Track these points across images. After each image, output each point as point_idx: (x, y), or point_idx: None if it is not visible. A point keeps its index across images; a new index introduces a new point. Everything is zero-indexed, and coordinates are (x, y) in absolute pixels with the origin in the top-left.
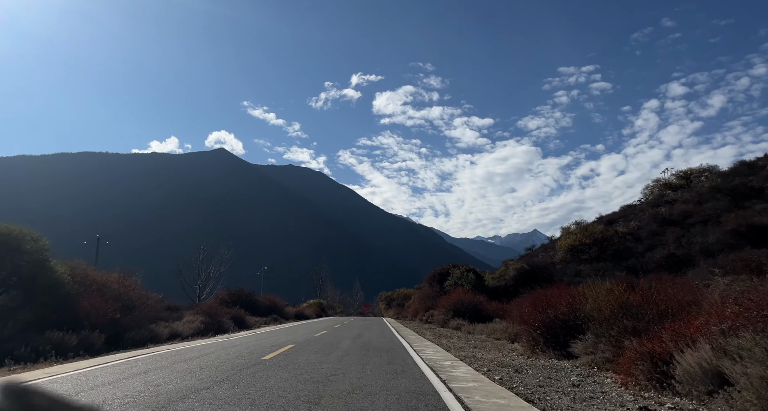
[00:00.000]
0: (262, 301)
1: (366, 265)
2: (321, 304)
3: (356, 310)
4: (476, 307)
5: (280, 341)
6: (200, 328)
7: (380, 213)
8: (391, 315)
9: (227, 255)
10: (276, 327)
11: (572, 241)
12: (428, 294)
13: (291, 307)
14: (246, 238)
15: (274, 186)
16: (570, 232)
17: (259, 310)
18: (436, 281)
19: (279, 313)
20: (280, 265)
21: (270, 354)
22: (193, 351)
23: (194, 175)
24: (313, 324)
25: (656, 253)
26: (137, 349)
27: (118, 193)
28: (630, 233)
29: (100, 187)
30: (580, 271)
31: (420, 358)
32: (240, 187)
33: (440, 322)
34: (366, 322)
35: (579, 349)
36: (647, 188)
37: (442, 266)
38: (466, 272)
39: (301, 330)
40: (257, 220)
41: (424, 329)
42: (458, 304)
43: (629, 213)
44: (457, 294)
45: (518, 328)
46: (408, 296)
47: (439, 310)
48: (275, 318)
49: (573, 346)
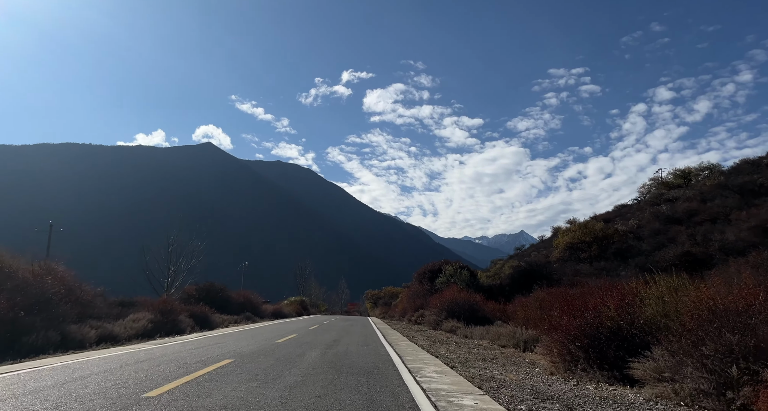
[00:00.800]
0: (236, 298)
1: (353, 263)
2: (303, 301)
3: (341, 308)
4: (472, 307)
5: (216, 353)
6: (147, 328)
7: (368, 211)
8: (377, 314)
9: (200, 247)
10: (243, 327)
11: (571, 238)
12: (418, 292)
13: (269, 305)
14: (231, 233)
15: (261, 182)
16: (568, 230)
17: (231, 308)
18: (426, 279)
19: (253, 311)
20: (265, 262)
21: (172, 383)
22: (64, 371)
23: (179, 168)
24: (287, 324)
25: (668, 251)
26: (21, 361)
27: (99, 185)
28: (631, 231)
29: (81, 178)
30: (579, 270)
31: (420, 388)
32: (226, 182)
33: (432, 323)
34: (348, 322)
35: (644, 372)
36: (644, 187)
37: (433, 262)
38: (460, 269)
39: (266, 333)
40: (243, 215)
41: (415, 332)
42: (452, 304)
43: (624, 212)
44: (450, 293)
45: (531, 333)
46: (395, 295)
47: (430, 310)
48: (248, 316)
49: (633, 366)
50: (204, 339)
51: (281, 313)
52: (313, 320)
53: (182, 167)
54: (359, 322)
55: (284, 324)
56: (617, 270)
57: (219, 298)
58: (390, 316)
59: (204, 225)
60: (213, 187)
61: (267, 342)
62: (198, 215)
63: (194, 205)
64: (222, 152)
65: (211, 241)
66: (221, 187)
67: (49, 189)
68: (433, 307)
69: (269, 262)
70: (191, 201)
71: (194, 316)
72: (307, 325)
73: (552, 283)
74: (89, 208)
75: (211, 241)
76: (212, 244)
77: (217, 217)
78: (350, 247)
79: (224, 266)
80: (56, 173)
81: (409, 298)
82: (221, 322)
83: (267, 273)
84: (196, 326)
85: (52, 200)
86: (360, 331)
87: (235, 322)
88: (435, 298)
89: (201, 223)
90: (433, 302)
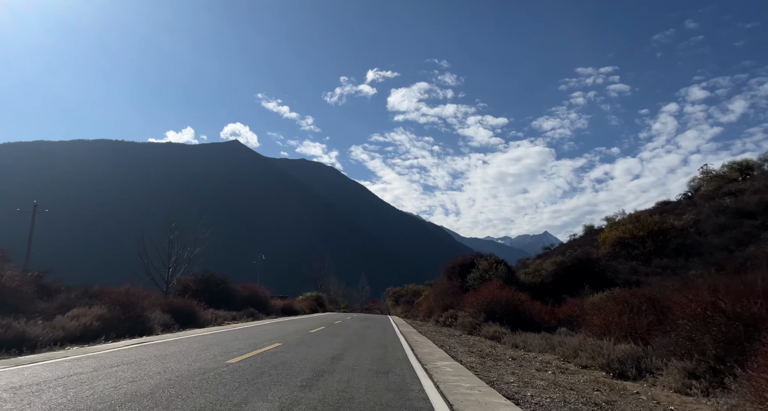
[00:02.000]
0: (240, 291)
1: (374, 261)
2: (319, 297)
3: (362, 305)
4: (516, 308)
5: None
6: (92, 327)
7: (390, 210)
8: (399, 313)
9: (204, 234)
10: (234, 327)
11: (621, 233)
12: (446, 289)
13: (279, 300)
14: (256, 230)
15: (285, 179)
16: (618, 224)
17: (234, 302)
18: (456, 274)
19: (259, 307)
20: (288, 258)
21: None
22: None
23: (207, 166)
24: (288, 324)
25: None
26: None
27: (129, 180)
28: (689, 227)
29: (113, 173)
30: (635, 268)
31: None
32: (252, 180)
33: (467, 326)
34: (365, 322)
35: None
36: (694, 181)
37: (463, 256)
38: (495, 264)
39: (251, 336)
40: (267, 211)
41: (447, 337)
42: (493, 304)
43: (670, 208)
44: (489, 289)
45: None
46: (417, 293)
47: (465, 311)
48: (251, 313)
49: None
50: (135, 349)
51: (291, 310)
52: (324, 319)
53: (210, 164)
54: (378, 323)
55: (285, 323)
56: (683, 269)
57: (219, 291)
58: (413, 316)
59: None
60: (239, 185)
61: (211, 362)
62: (224, 212)
63: (220, 203)
64: (248, 150)
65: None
66: (247, 185)
67: (82, 183)
68: (467, 307)
69: (292, 259)
70: (218, 198)
71: (175, 311)
72: (311, 326)
73: (605, 283)
74: (119, 204)
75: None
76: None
77: (243, 215)
78: (372, 245)
79: (247, 262)
80: (89, 168)
81: (437, 296)
82: (213, 320)
83: (290, 269)
84: (175, 324)
85: (85, 195)
86: (377, 338)
87: (233, 319)
88: (470, 296)
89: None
90: (467, 301)
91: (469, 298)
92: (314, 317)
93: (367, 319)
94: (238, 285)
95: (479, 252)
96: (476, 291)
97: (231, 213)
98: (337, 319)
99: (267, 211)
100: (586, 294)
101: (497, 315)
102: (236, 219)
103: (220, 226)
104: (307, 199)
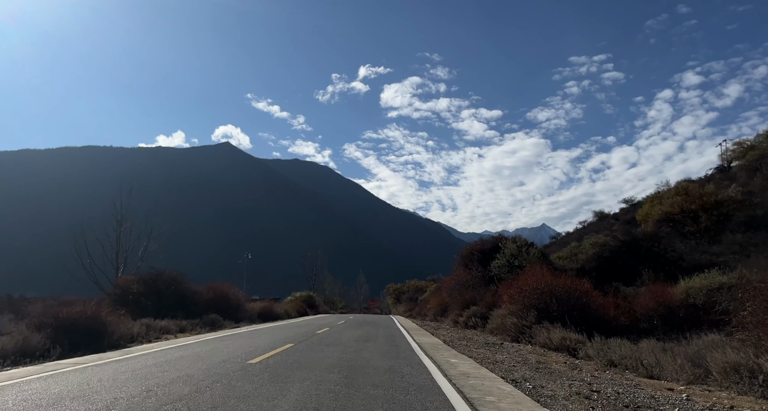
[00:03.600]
0: (204, 294)
1: (372, 260)
2: (310, 297)
3: (360, 305)
4: (580, 303)
5: None
6: None
7: (386, 207)
8: (402, 312)
9: (161, 228)
10: (169, 345)
11: (669, 207)
12: (465, 282)
13: (258, 302)
14: (250, 232)
15: (278, 180)
16: (662, 197)
17: (194, 308)
18: (476, 262)
19: (226, 312)
20: (285, 261)
21: None
22: None
23: (198, 169)
24: (247, 338)
25: None
26: None
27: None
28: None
29: (101, 180)
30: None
31: None
32: (245, 182)
33: (510, 330)
34: (363, 331)
35: None
36: (724, 154)
37: (482, 240)
38: (525, 247)
39: (126, 383)
40: (262, 214)
41: (490, 349)
42: (545, 297)
43: (700, 185)
44: (535, 277)
45: None
46: (420, 289)
47: (503, 308)
48: (212, 321)
49: None
50: None
51: (271, 314)
52: (301, 330)
53: (201, 167)
54: (381, 329)
55: (238, 337)
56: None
57: (171, 294)
58: (421, 315)
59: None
60: (232, 187)
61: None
62: (219, 216)
63: (214, 206)
64: (240, 151)
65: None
66: (240, 187)
67: (70, 191)
68: (506, 303)
69: (289, 261)
70: (212, 202)
71: (69, 325)
72: (277, 340)
73: (667, 266)
74: (108, 210)
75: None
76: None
77: (237, 218)
78: (369, 244)
79: (243, 266)
80: (78, 176)
81: (452, 291)
82: (142, 335)
83: (287, 271)
84: (57, 347)
85: (73, 202)
86: (384, 373)
87: (180, 330)
88: (507, 287)
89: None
90: (505, 294)
91: (506, 289)
92: (293, 324)
93: (366, 322)
94: (201, 286)
95: (501, 233)
96: (514, 281)
97: (225, 216)
98: (325, 324)
99: (262, 213)
100: (645, 280)
101: (554, 312)
102: (231, 222)
103: (214, 230)
104: (302, 200)
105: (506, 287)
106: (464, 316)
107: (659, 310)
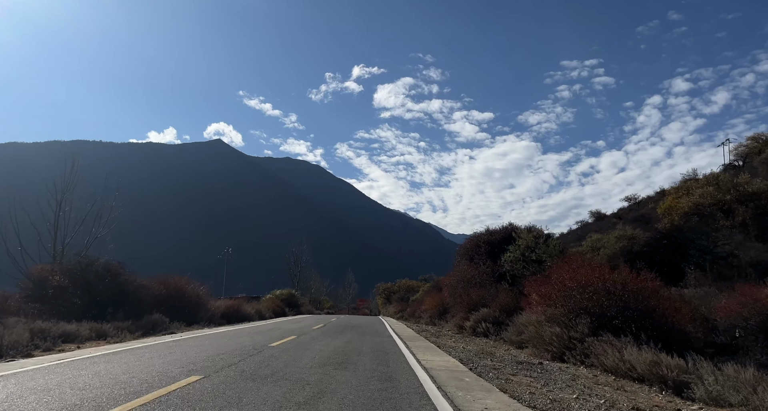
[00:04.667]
0: (154, 289)
1: (362, 260)
2: (291, 296)
3: (349, 305)
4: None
5: None
6: None
7: (378, 207)
8: (393, 313)
9: (116, 210)
10: (35, 365)
11: (698, 199)
12: (470, 279)
13: (225, 300)
14: (240, 230)
15: (270, 178)
16: (688, 188)
17: (139, 306)
18: (483, 255)
19: (180, 312)
20: (275, 259)
21: None
22: None
23: (189, 165)
24: (159, 355)
25: None
26: None
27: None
28: None
29: (90, 175)
30: (745, 243)
31: None
32: (236, 179)
33: (550, 344)
34: (345, 339)
35: None
36: (737, 149)
37: (489, 231)
38: (543, 238)
39: None
40: (252, 212)
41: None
42: (600, 298)
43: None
44: (584, 271)
45: None
46: (412, 288)
47: (533, 312)
48: (156, 323)
49: None
50: None
51: (239, 315)
52: (266, 334)
53: (192, 164)
54: (368, 333)
55: (112, 362)
56: None
57: (107, 289)
58: (414, 317)
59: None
60: (223, 185)
61: None
62: (209, 213)
63: (205, 203)
64: (231, 149)
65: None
66: (232, 185)
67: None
68: (540, 305)
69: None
70: (202, 199)
71: None
72: (168, 369)
73: (713, 264)
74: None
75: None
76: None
77: (227, 215)
78: (360, 244)
79: (233, 264)
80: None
81: (455, 289)
82: (24, 344)
83: (276, 270)
84: None
85: None
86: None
87: (101, 336)
88: (541, 284)
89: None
90: (540, 293)
91: (537, 286)
92: (248, 330)
93: (351, 327)
94: (151, 280)
95: (512, 223)
96: (546, 275)
97: (215, 214)
98: (293, 331)
99: (252, 211)
100: (692, 280)
101: (616, 320)
102: (221, 219)
103: (204, 226)
104: (292, 198)
105: (536, 283)
106: (471, 321)
107: (749, 320)
